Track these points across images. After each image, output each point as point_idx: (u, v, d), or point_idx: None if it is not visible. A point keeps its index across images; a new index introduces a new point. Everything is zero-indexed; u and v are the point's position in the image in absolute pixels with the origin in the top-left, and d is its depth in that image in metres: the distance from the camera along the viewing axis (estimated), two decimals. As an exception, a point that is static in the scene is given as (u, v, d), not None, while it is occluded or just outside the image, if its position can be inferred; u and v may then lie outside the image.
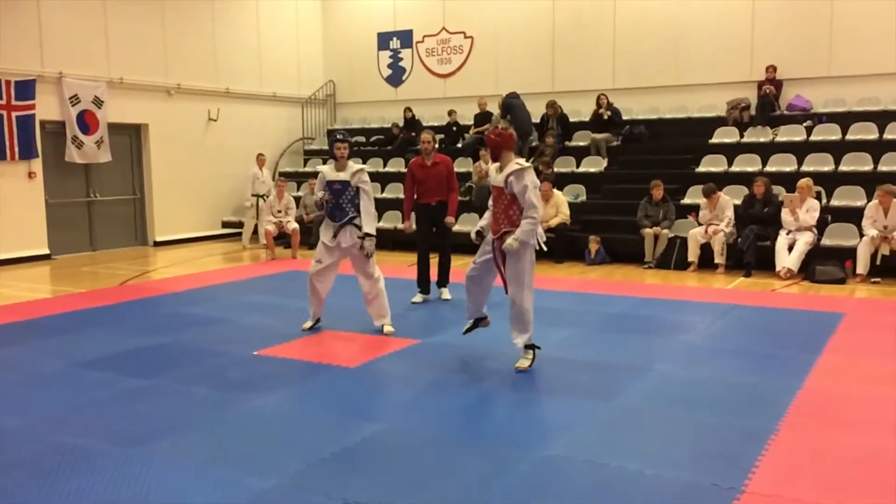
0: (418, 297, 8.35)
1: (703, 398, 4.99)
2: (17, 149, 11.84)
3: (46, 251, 12.38)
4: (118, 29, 13.25)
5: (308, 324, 7.02)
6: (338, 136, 6.73)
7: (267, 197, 13.68)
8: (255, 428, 4.55)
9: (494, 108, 14.38)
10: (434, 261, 8.47)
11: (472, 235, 5.92)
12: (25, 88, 11.87)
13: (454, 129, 14.85)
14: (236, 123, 15.34)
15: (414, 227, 8.46)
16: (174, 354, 6.24)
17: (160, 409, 4.90)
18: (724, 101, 13.17)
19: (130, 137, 14.01)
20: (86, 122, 12.83)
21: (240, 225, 14.51)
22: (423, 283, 8.42)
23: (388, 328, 6.83)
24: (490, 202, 5.77)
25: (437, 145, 8.48)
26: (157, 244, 14.09)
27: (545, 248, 5.77)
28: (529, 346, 5.69)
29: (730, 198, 10.59)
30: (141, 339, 6.72)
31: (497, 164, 5.61)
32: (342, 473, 3.88)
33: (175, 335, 6.86)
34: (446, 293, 8.40)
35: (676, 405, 4.86)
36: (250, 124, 15.70)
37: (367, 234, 6.66)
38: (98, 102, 12.96)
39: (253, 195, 13.80)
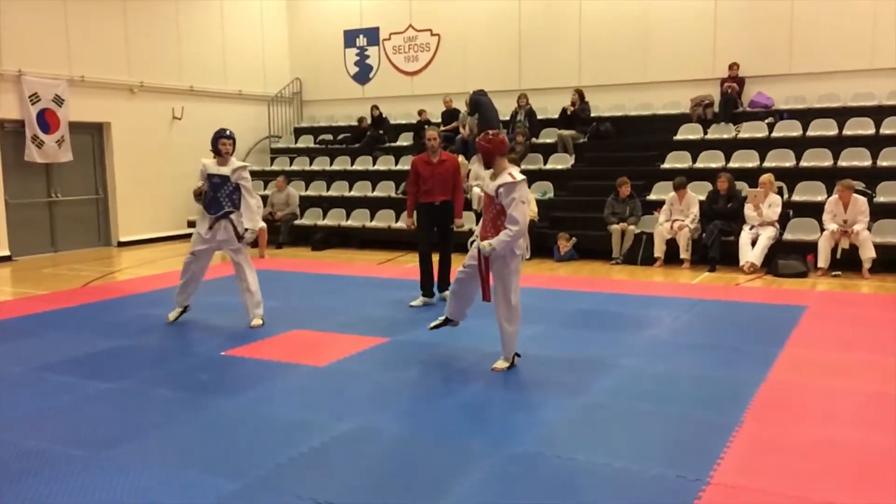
0: (419, 301, 7.90)
1: (670, 392, 5.05)
2: (-25, 148, 11.61)
3: (7, 253, 12.14)
4: (79, 26, 13.02)
5: (175, 313, 7.25)
6: (225, 133, 6.98)
7: None
8: (223, 429, 4.51)
9: (461, 106, 14.41)
10: (435, 261, 8.08)
11: (469, 244, 5.83)
12: (-17, 87, 11.64)
13: (425, 126, 14.79)
14: (201, 122, 15.07)
15: (415, 224, 8.19)
16: (140, 356, 6.17)
17: (126, 412, 4.83)
18: (688, 98, 13.35)
19: (93, 136, 13.79)
20: (46, 120, 12.59)
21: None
22: (426, 287, 7.96)
23: (255, 321, 7.05)
24: (482, 208, 5.69)
25: (441, 142, 8.07)
26: (121, 244, 13.89)
27: (526, 258, 5.70)
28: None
29: (695, 194, 10.73)
30: (105, 341, 6.62)
31: (491, 171, 5.45)
32: (311, 473, 3.87)
33: (140, 337, 6.77)
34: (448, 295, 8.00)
35: (643, 399, 4.91)
36: (216, 122, 15.26)
37: (247, 229, 7.00)
38: (59, 101, 12.73)
39: None
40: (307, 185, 14.93)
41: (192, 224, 14.64)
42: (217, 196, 6.92)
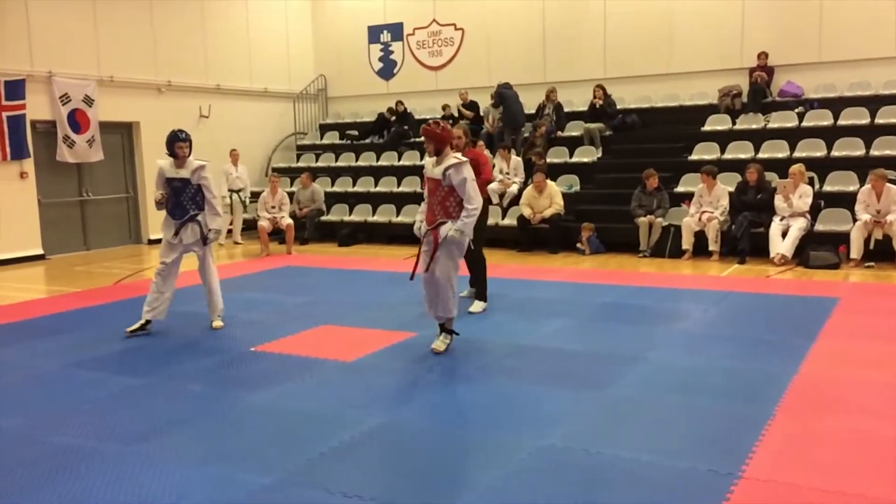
0: (466, 292, 7.72)
1: (699, 385, 5.01)
2: (8, 149, 11.81)
3: (40, 251, 12.35)
4: (107, 27, 13.19)
5: (137, 325, 6.76)
6: (181, 136, 6.71)
7: (242, 192, 13.64)
8: (253, 424, 4.55)
9: (479, 100, 14.39)
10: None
11: (415, 230, 6.09)
12: (15, 88, 11.82)
13: (451, 121, 14.77)
14: (228, 120, 15.30)
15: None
16: (170, 352, 6.24)
17: (157, 407, 4.90)
18: (716, 88, 13.19)
19: (122, 136, 13.97)
20: (77, 120, 12.78)
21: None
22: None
23: (216, 322, 6.96)
24: (425, 194, 5.97)
25: (469, 140, 7.47)
26: (151, 242, 14.05)
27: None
28: (449, 331, 5.96)
29: (724, 186, 10.60)
30: (136, 338, 6.71)
31: (434, 158, 5.78)
32: (341, 468, 3.89)
33: (171, 333, 6.84)
34: (476, 306, 7.37)
35: (672, 393, 4.87)
36: (242, 120, 15.66)
37: (211, 230, 6.83)
38: (89, 101, 12.91)
39: (229, 191, 13.69)
40: (333, 181, 14.99)
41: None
42: (180, 200, 6.74)
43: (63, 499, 3.61)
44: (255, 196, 13.89)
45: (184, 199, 6.74)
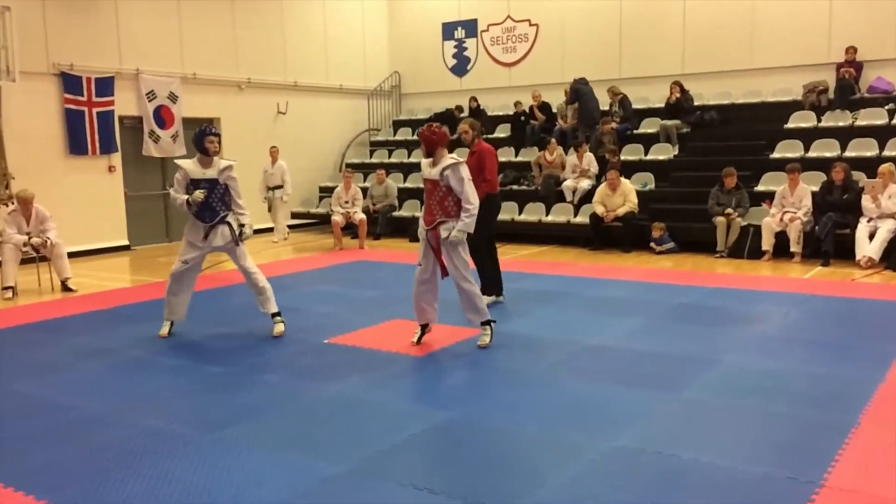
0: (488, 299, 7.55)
1: (779, 389, 4.85)
2: (97, 144, 12.34)
3: (126, 242, 12.87)
4: (191, 26, 13.63)
5: (165, 329, 6.65)
6: (212, 131, 6.41)
7: (280, 189, 13.56)
8: (326, 414, 4.65)
9: (555, 98, 14.25)
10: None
11: (419, 233, 6.23)
12: (105, 85, 12.34)
13: (522, 118, 14.68)
14: (304, 116, 15.62)
15: None
16: (247, 343, 6.42)
17: (236, 395, 5.04)
18: (801, 84, 12.72)
19: (203, 131, 14.38)
20: (162, 116, 13.26)
21: (308, 216, 14.84)
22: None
23: (278, 328, 6.57)
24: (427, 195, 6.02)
25: (477, 134, 7.28)
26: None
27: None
28: (486, 322, 6.05)
29: (807, 186, 10.23)
30: (215, 327, 6.93)
31: (430, 160, 5.94)
32: (411, 460, 3.93)
33: (247, 324, 7.02)
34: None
35: (750, 396, 4.74)
36: (318, 116, 15.97)
37: (243, 225, 6.51)
38: (173, 97, 13.37)
39: (266, 188, 13.65)
40: (405, 177, 15.12)
41: (295, 215, 15.11)
42: (209, 202, 6.39)
43: (145, 480, 3.76)
44: (329, 191, 14.12)
45: (212, 200, 6.42)
